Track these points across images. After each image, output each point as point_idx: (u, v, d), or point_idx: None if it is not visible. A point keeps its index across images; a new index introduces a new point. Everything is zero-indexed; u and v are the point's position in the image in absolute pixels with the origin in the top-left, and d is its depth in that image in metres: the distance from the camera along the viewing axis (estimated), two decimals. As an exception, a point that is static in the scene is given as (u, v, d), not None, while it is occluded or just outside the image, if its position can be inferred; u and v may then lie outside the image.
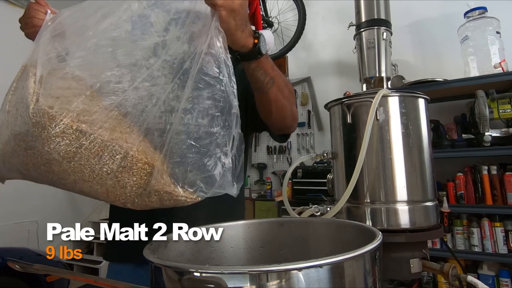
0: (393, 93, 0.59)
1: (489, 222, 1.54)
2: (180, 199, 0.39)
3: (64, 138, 0.38)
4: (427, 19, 2.07)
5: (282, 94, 0.57)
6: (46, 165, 0.39)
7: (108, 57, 0.42)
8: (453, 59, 1.86)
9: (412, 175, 0.57)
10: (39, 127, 0.38)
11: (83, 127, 0.38)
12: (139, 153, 0.39)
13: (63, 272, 0.35)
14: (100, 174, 0.38)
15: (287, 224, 0.49)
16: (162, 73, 0.41)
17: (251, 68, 0.51)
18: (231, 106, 0.40)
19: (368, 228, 0.41)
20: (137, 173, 0.39)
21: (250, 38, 0.48)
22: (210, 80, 0.39)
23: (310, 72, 2.52)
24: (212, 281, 0.26)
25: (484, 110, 1.46)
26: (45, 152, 0.38)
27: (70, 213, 2.89)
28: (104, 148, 0.38)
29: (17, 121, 0.40)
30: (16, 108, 0.41)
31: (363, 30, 0.92)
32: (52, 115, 0.38)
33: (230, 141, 0.39)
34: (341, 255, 0.28)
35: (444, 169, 1.73)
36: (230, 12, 0.42)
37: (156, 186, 0.38)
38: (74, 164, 0.38)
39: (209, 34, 0.40)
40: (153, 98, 0.40)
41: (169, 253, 0.39)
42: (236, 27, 0.44)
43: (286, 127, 0.65)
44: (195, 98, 0.39)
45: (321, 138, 2.47)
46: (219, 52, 0.40)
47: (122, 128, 0.39)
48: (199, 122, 0.39)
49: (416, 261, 0.53)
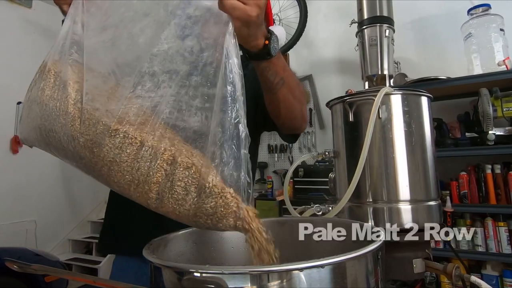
0: (396, 91, 0.58)
1: (493, 221, 1.53)
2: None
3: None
4: (430, 16, 2.06)
5: (293, 95, 0.56)
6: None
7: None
8: (457, 57, 1.84)
9: (415, 174, 0.57)
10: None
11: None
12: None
13: (61, 272, 0.35)
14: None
15: (288, 224, 0.49)
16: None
17: (260, 67, 0.51)
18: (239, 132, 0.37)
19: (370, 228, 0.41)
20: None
21: (262, 39, 0.46)
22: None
23: (312, 70, 2.51)
24: (213, 281, 0.26)
25: (488, 109, 1.44)
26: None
27: (68, 212, 2.88)
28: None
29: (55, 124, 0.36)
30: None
31: (365, 27, 0.91)
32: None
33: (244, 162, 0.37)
34: (343, 255, 0.28)
35: (447, 168, 1.72)
36: (244, 23, 0.41)
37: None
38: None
39: (225, 44, 0.38)
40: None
41: (169, 253, 0.39)
42: (249, 34, 0.44)
43: (295, 127, 0.64)
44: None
45: (323, 137, 2.46)
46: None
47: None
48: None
49: (419, 261, 0.53)
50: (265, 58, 0.48)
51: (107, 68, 0.39)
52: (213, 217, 0.34)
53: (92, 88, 0.38)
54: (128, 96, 0.37)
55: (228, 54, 0.37)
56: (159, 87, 0.38)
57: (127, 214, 0.60)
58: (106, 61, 0.40)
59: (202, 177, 0.34)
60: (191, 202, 0.34)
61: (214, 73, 0.38)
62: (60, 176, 2.89)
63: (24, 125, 0.41)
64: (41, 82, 0.39)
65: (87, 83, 0.38)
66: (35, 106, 0.38)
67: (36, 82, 0.40)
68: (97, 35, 0.40)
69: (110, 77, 0.39)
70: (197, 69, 0.38)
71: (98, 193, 3.10)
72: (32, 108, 0.39)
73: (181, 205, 0.34)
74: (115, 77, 0.39)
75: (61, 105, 0.37)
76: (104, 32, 0.41)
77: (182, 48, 0.39)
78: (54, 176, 2.83)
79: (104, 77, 0.39)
